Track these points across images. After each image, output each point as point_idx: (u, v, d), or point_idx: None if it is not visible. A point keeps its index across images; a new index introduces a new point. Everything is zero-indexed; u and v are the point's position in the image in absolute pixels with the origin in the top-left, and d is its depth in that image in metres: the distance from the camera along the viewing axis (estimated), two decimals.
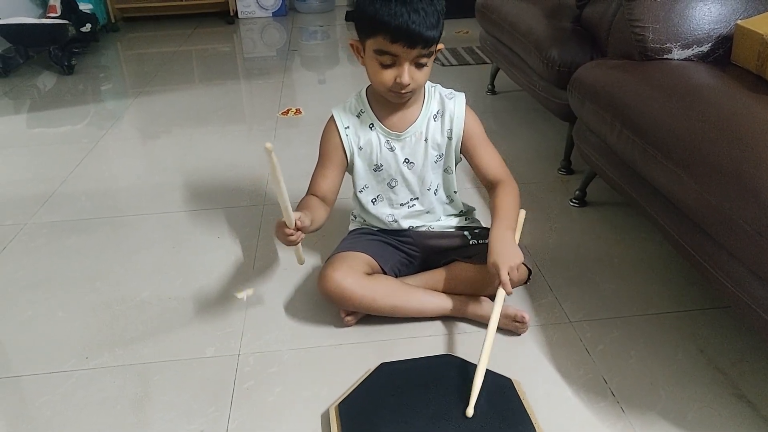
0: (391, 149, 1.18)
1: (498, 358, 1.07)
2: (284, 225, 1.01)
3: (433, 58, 1.08)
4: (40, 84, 2.94)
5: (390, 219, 1.24)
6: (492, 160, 1.20)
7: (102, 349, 1.16)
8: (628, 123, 1.18)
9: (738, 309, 0.94)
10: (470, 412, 0.92)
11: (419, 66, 1.05)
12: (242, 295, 1.29)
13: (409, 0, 0.98)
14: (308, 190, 1.20)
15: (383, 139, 1.17)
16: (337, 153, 1.18)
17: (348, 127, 1.18)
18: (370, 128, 1.17)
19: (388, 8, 0.98)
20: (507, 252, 1.07)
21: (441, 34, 1.04)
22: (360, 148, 1.18)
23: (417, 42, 1.00)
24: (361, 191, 1.23)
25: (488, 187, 1.21)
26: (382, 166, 1.19)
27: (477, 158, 1.20)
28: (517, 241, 1.14)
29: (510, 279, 1.04)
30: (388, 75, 1.05)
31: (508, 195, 1.16)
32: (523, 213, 1.25)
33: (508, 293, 1.05)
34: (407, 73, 1.04)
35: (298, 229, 1.01)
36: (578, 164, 1.78)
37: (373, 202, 1.23)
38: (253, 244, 1.49)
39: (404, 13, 0.98)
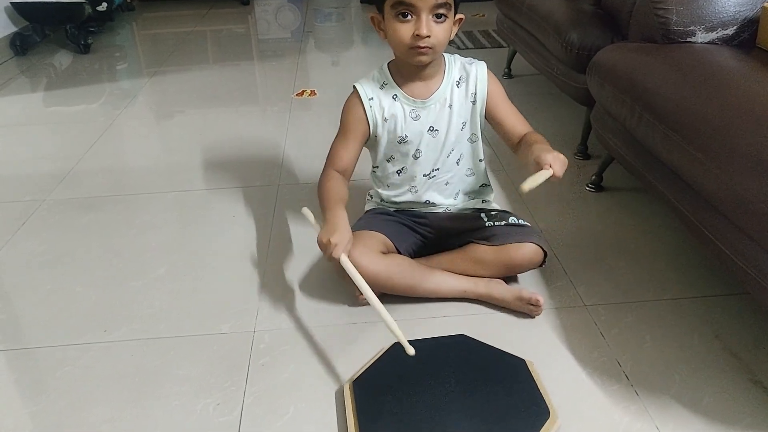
0: (416, 118, 1.17)
1: (512, 339, 1.08)
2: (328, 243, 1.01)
3: (454, 16, 1.08)
4: (56, 62, 2.96)
5: (413, 190, 1.24)
6: (517, 119, 1.19)
7: (119, 323, 1.17)
8: (649, 107, 1.16)
9: (757, 295, 0.93)
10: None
11: (438, 19, 1.05)
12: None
13: None
14: (328, 162, 1.20)
15: (407, 109, 1.17)
16: (360, 125, 1.18)
17: (372, 99, 1.17)
18: (394, 99, 1.17)
19: None
20: (548, 150, 1.00)
21: None
22: (385, 120, 1.17)
23: None
24: (383, 164, 1.23)
25: (514, 147, 1.18)
26: (407, 137, 1.18)
27: (501, 118, 1.19)
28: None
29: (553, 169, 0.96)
30: (407, 30, 1.05)
31: (538, 134, 1.15)
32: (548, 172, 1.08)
33: (554, 170, 0.95)
34: (425, 25, 1.03)
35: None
36: (595, 149, 1.76)
37: (399, 173, 1.23)
38: (268, 223, 1.50)
39: None
